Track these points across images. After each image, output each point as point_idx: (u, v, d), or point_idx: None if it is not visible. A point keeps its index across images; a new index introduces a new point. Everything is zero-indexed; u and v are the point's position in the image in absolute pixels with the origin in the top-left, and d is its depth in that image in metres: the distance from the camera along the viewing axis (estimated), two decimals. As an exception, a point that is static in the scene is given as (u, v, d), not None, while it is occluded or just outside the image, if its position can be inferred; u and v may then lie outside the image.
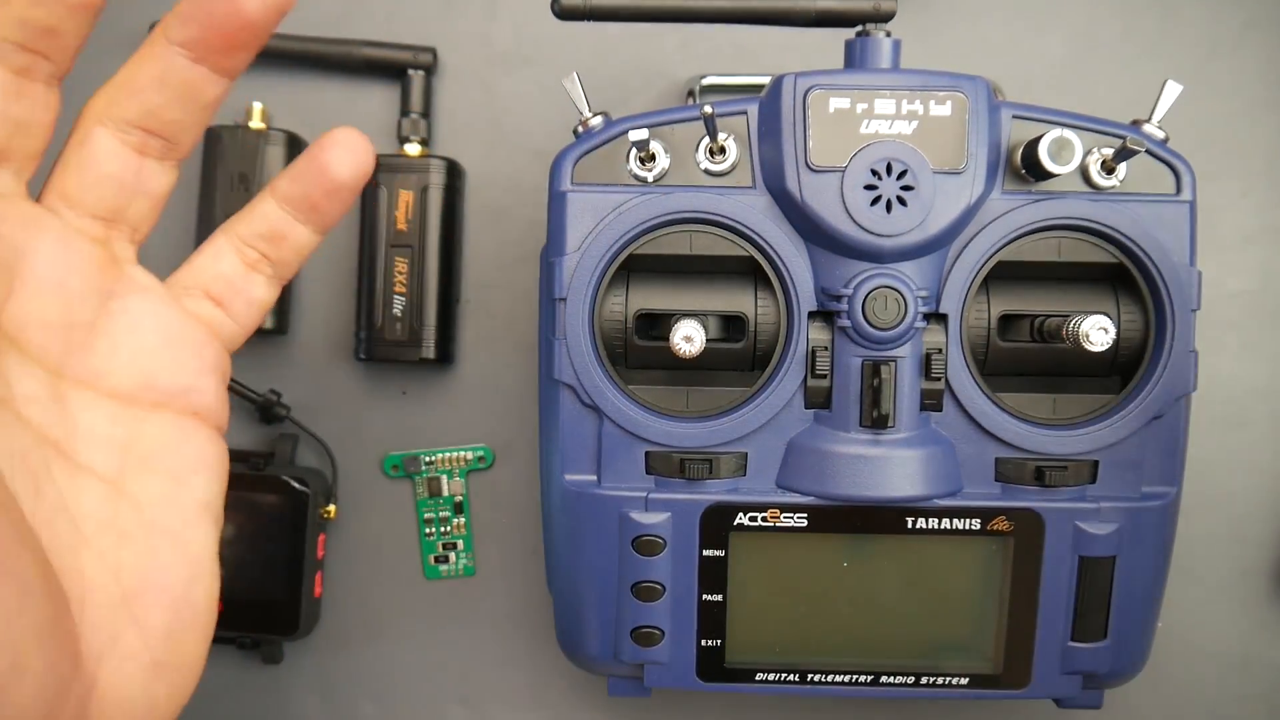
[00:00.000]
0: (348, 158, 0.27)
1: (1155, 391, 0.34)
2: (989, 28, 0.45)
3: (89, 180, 0.25)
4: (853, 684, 0.36)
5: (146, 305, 0.26)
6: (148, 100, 0.25)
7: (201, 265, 0.28)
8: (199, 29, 0.24)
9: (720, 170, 0.34)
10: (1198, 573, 0.44)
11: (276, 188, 0.28)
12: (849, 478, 0.33)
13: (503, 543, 0.45)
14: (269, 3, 0.24)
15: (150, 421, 0.26)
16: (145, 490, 0.25)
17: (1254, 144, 0.44)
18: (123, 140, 0.26)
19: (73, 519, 0.24)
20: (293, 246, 0.29)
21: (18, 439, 0.23)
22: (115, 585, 0.24)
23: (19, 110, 0.24)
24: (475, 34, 0.45)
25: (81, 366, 0.25)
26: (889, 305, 0.32)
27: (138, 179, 0.26)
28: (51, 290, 0.24)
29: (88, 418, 0.25)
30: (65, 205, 0.26)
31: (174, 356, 0.26)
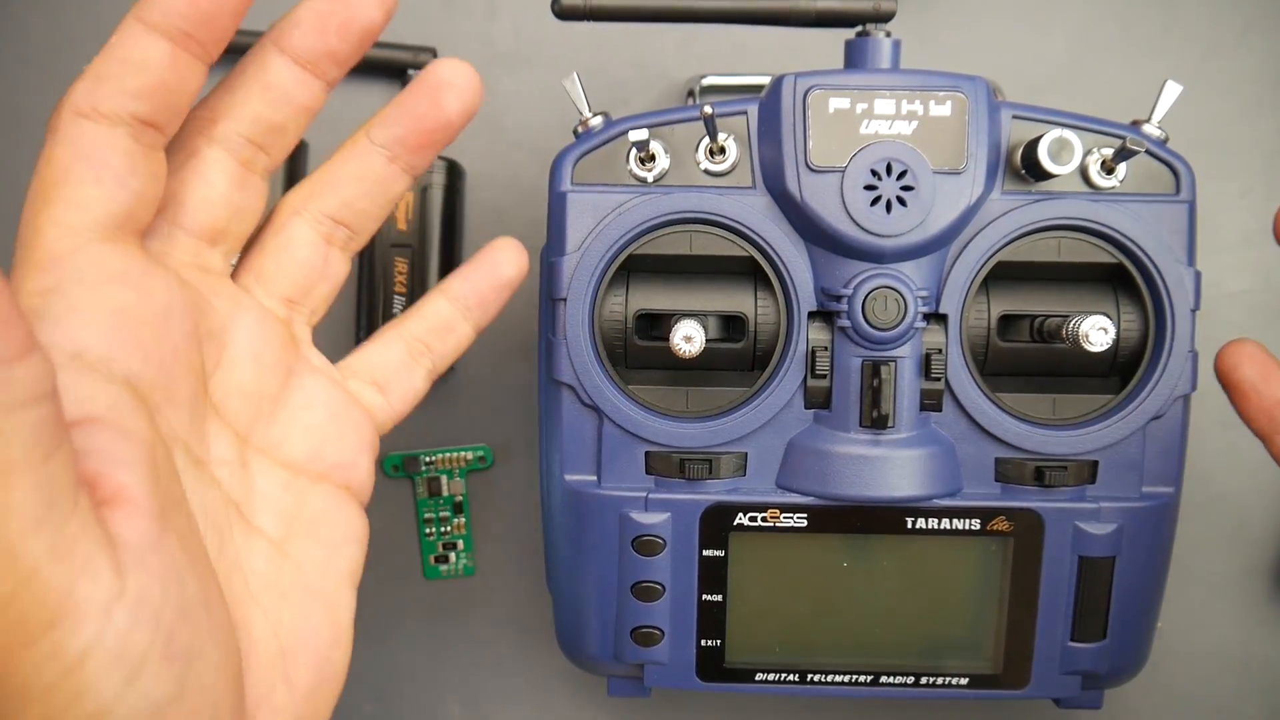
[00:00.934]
0: (517, 260, 0.33)
1: (1155, 391, 0.34)
2: (989, 28, 0.45)
3: (284, 264, 0.29)
4: (852, 684, 0.36)
5: (319, 384, 0.29)
6: (345, 194, 0.29)
7: (371, 354, 0.31)
8: (402, 131, 0.28)
9: (720, 170, 0.34)
10: (1198, 573, 0.44)
11: (449, 288, 0.32)
12: (849, 478, 0.33)
13: (503, 543, 0.45)
14: (467, 103, 0.28)
15: (313, 492, 0.28)
16: (305, 555, 0.28)
17: (1254, 144, 0.44)
18: (316, 230, 0.29)
19: (245, 577, 0.26)
20: (454, 341, 0.33)
21: (210, 498, 0.25)
22: (274, 642, 0.26)
23: (238, 198, 0.27)
24: (475, 34, 0.45)
25: (264, 435, 0.28)
26: (889, 305, 0.32)
27: (325, 265, 0.29)
28: (249, 363, 0.27)
29: (263, 483, 0.27)
30: (259, 285, 0.29)
31: (339, 434, 0.29)
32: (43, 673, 0.19)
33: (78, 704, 0.20)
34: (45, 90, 0.44)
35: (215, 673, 0.23)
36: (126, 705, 0.20)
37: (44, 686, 0.19)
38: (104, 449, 0.21)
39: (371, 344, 0.32)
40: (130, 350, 0.23)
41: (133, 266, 0.24)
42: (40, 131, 0.46)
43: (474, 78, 0.28)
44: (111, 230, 0.24)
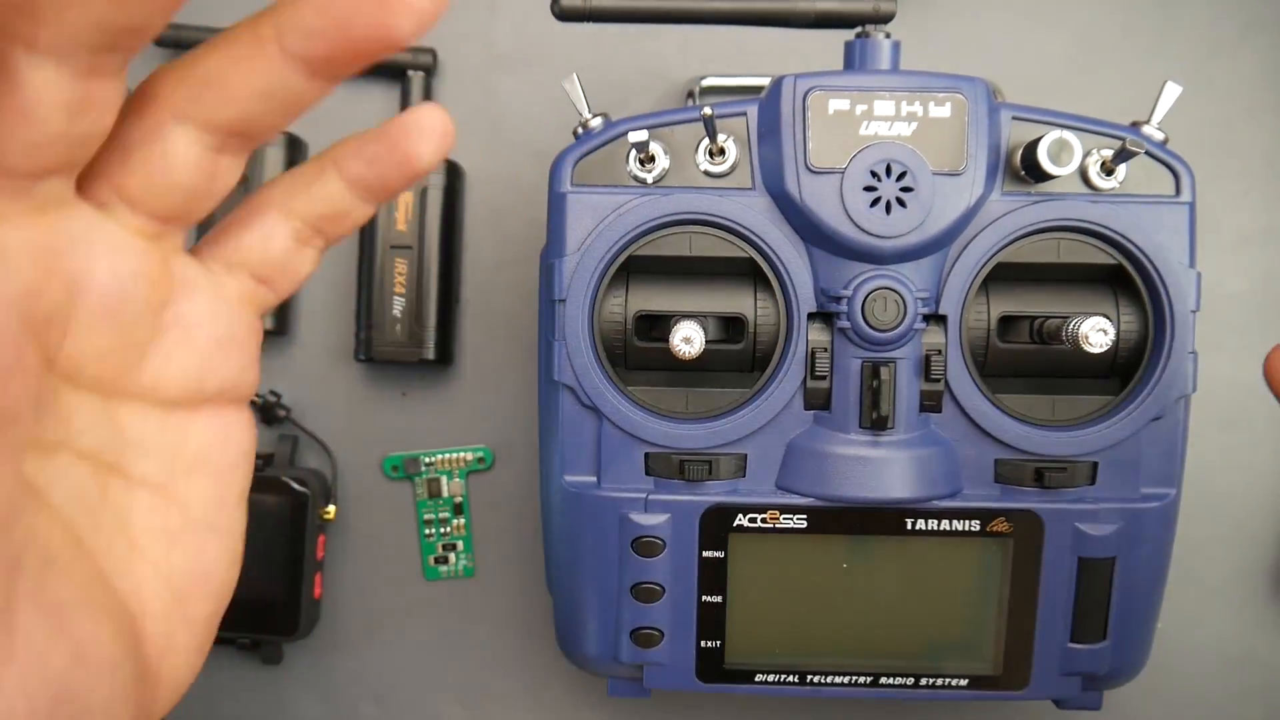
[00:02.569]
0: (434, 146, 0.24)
1: (1155, 393, 0.34)
2: (989, 28, 0.44)
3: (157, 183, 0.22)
4: (852, 685, 0.36)
5: (197, 309, 0.24)
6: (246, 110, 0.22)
7: (250, 244, 0.25)
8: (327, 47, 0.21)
9: (720, 171, 0.34)
10: (1198, 573, 0.44)
11: (347, 169, 0.24)
12: (848, 479, 0.33)
13: (502, 543, 0.45)
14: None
15: (194, 423, 0.25)
16: (192, 492, 0.25)
17: (1254, 145, 0.44)
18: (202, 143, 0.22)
19: (128, 536, 0.24)
20: (352, 222, 0.26)
21: (73, 479, 0.23)
22: (168, 590, 0.24)
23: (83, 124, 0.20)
24: (475, 34, 0.45)
25: (133, 384, 0.24)
26: (888, 306, 0.32)
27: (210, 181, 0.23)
28: (108, 319, 0.22)
29: (138, 431, 0.24)
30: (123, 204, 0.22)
31: (223, 355, 0.25)
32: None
33: None
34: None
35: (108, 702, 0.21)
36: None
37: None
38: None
39: (249, 230, 0.25)
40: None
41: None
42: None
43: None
44: None
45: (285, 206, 0.25)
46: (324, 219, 0.25)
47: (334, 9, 0.20)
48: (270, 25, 0.21)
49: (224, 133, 0.22)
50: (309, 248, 0.26)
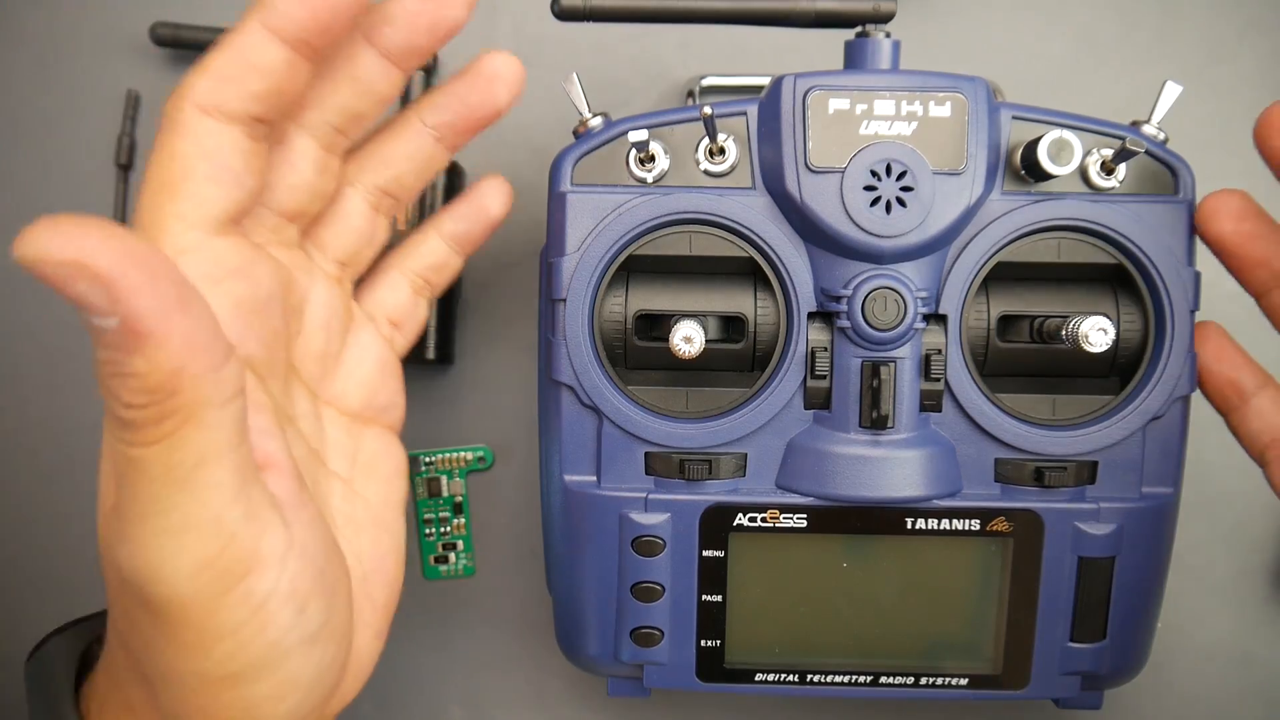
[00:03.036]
0: (502, 199, 0.36)
1: (1154, 392, 0.34)
2: (989, 28, 0.45)
3: (339, 232, 0.31)
4: (852, 684, 0.36)
5: (369, 338, 0.33)
6: (396, 170, 0.31)
7: (382, 297, 0.34)
8: (452, 116, 0.31)
9: (720, 171, 0.34)
10: (1198, 573, 0.44)
11: (442, 227, 0.35)
12: (848, 478, 0.33)
13: (502, 543, 0.45)
14: (515, 93, 0.31)
15: (367, 435, 0.32)
16: (368, 491, 0.32)
17: (1254, 145, 0.44)
18: (367, 200, 0.32)
19: (332, 515, 0.30)
20: (449, 274, 0.35)
21: (300, 450, 0.29)
22: (358, 568, 0.30)
23: (321, 182, 0.29)
24: (475, 34, 0.45)
25: (329, 390, 0.31)
26: (888, 306, 0.32)
27: (372, 232, 0.32)
28: (321, 329, 0.31)
29: (332, 432, 0.31)
30: (319, 252, 0.31)
31: (384, 380, 0.33)
32: (237, 613, 0.24)
33: (261, 635, 0.24)
34: (45, 90, 0.44)
35: (346, 601, 0.28)
36: (295, 633, 0.25)
37: (236, 624, 0.24)
38: (254, 423, 0.25)
39: (379, 285, 0.34)
40: (248, 335, 0.27)
41: (245, 258, 0.27)
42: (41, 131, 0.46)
43: (521, 71, 0.31)
44: (227, 224, 0.26)
45: (403, 266, 0.34)
46: (430, 270, 0.35)
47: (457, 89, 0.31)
48: (415, 109, 0.31)
49: (381, 192, 0.32)
50: (422, 298, 0.35)
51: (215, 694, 0.25)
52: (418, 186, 0.32)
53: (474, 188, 0.35)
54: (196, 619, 0.23)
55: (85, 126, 0.44)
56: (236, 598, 0.23)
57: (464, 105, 0.31)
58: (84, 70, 0.44)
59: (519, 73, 0.31)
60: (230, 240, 0.26)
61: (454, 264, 0.35)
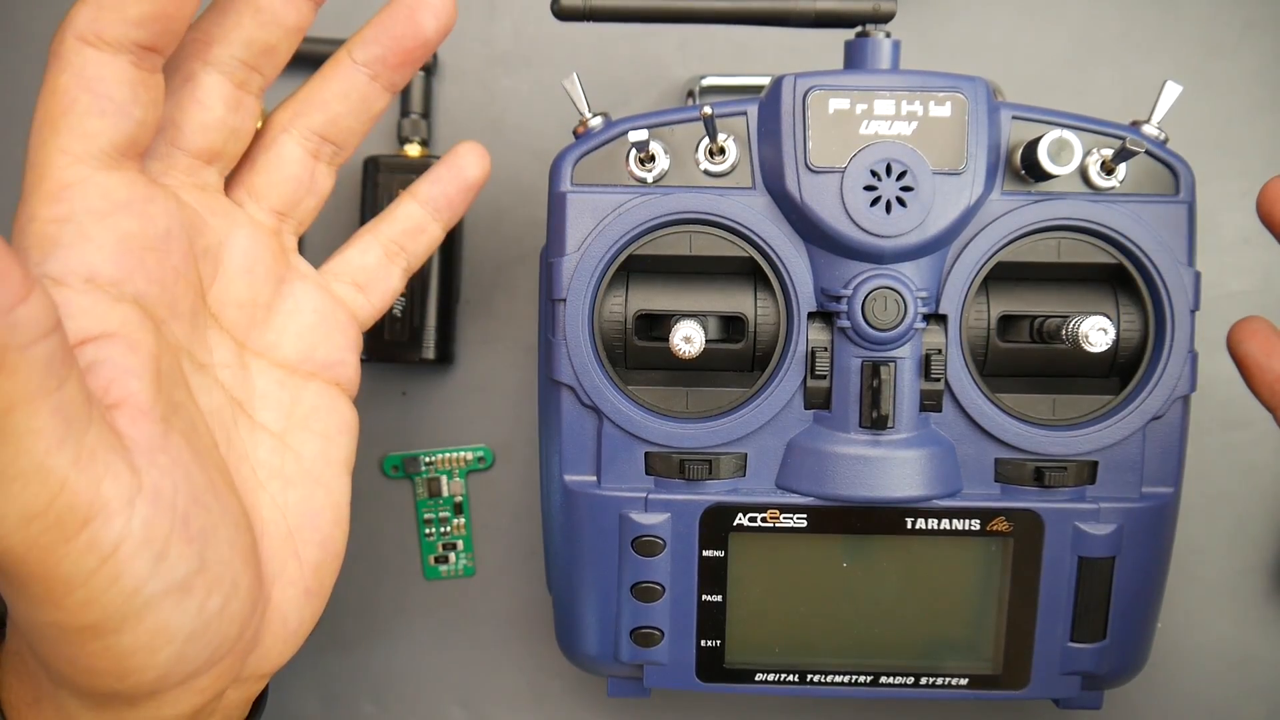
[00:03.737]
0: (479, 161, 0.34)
1: (1155, 392, 0.34)
2: (989, 28, 0.44)
3: (274, 179, 0.31)
4: (852, 684, 0.36)
5: (307, 290, 0.32)
6: (331, 112, 0.31)
7: (350, 258, 0.33)
8: (381, 49, 0.30)
9: (720, 171, 0.34)
10: (1198, 573, 0.44)
11: (418, 191, 0.34)
12: (848, 478, 0.33)
13: (502, 543, 0.45)
14: (443, 22, 0.30)
15: (307, 389, 0.31)
16: (303, 446, 0.31)
17: (1254, 144, 0.44)
18: (304, 146, 0.31)
19: (251, 466, 0.29)
20: (426, 241, 0.34)
21: (215, 398, 0.28)
22: (283, 523, 0.29)
23: (234, 119, 0.29)
24: (475, 34, 0.45)
25: (259, 340, 0.30)
26: (888, 306, 0.32)
27: (311, 180, 0.31)
28: (243, 275, 0.30)
29: (262, 382, 0.30)
30: (251, 199, 0.30)
31: (327, 335, 0.32)
32: (84, 562, 0.22)
33: (116, 585, 0.23)
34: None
35: (230, 548, 0.26)
36: (158, 580, 0.24)
37: (86, 573, 0.23)
38: (115, 360, 0.24)
39: (349, 248, 0.33)
40: (137, 272, 0.25)
41: (136, 193, 0.26)
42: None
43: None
44: (116, 158, 0.25)
45: (376, 230, 0.34)
46: (405, 235, 0.34)
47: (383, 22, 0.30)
48: (344, 48, 0.31)
49: (318, 136, 0.31)
50: (395, 264, 0.34)
51: (79, 644, 0.24)
52: (358, 129, 0.31)
53: (451, 152, 0.34)
54: (39, 570, 0.22)
55: (85, 126, 0.44)
56: (79, 547, 0.22)
57: (390, 37, 0.30)
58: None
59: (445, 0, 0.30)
60: (119, 174, 0.25)
61: (431, 231, 0.34)
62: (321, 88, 0.31)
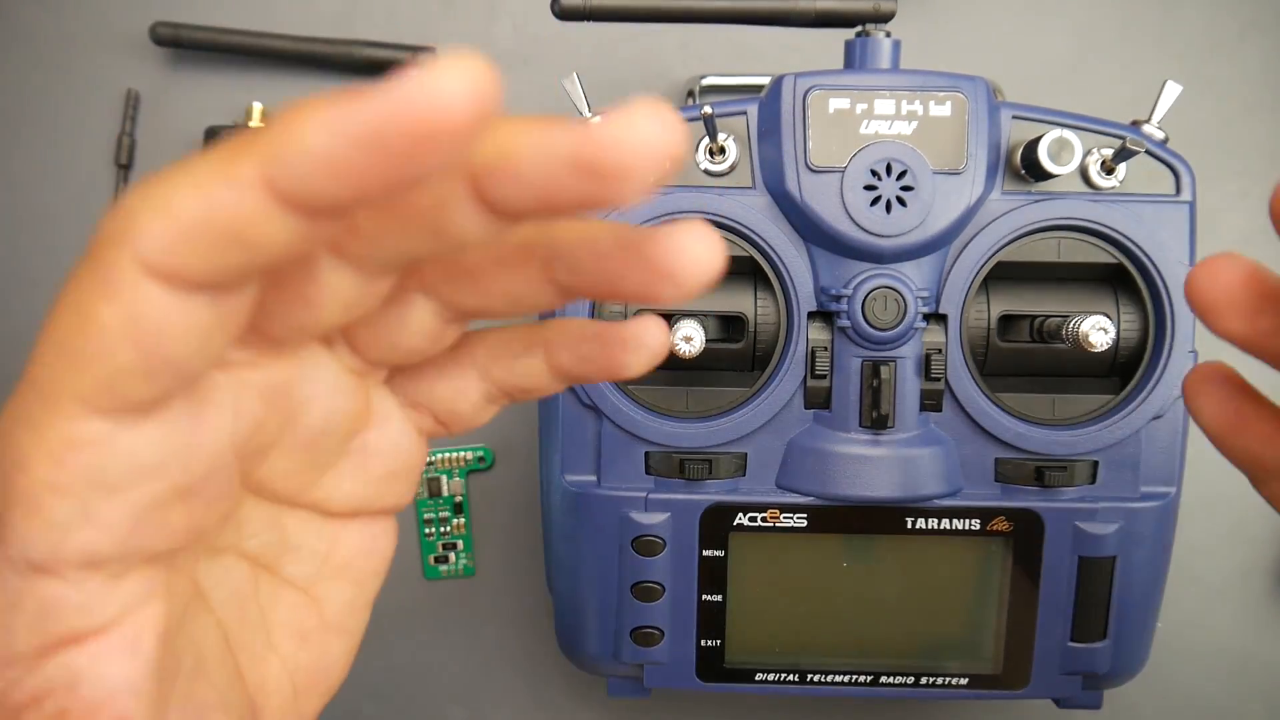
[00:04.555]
0: (646, 359, 0.23)
1: (1155, 392, 0.34)
2: (989, 28, 0.44)
3: (384, 342, 0.22)
4: (852, 684, 0.36)
5: (383, 439, 0.24)
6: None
7: (443, 394, 0.25)
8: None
9: (720, 170, 0.34)
10: (1198, 573, 0.44)
11: (556, 358, 0.24)
12: (849, 478, 0.33)
13: (502, 543, 0.45)
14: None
15: (348, 529, 0.25)
16: (332, 594, 0.25)
17: (1254, 144, 0.44)
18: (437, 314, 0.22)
19: (266, 633, 0.24)
20: (540, 395, 0.26)
21: (237, 577, 0.23)
22: (289, 687, 0.25)
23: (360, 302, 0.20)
24: (475, 34, 0.45)
25: (307, 499, 0.24)
26: (889, 305, 0.32)
27: (430, 347, 0.23)
28: (312, 438, 0.23)
29: (298, 537, 0.24)
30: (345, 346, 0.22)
31: (393, 482, 0.25)
32: None
33: None
34: (45, 90, 0.44)
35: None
36: None
37: None
38: (104, 675, 0.19)
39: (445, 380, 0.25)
40: (154, 538, 0.19)
41: (172, 447, 0.18)
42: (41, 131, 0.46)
43: (665, 342, 0.23)
44: (154, 404, 0.18)
45: (485, 370, 0.25)
46: (518, 390, 0.25)
47: (609, 262, 0.20)
48: (544, 248, 0.21)
49: (463, 315, 0.22)
50: (493, 406, 0.25)
51: None
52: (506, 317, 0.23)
53: (618, 330, 0.23)
54: None
55: (85, 126, 0.44)
56: None
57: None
58: (84, 70, 0.44)
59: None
60: (153, 427, 0.18)
61: (552, 390, 0.25)
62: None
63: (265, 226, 0.16)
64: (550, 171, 0.16)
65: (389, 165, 0.14)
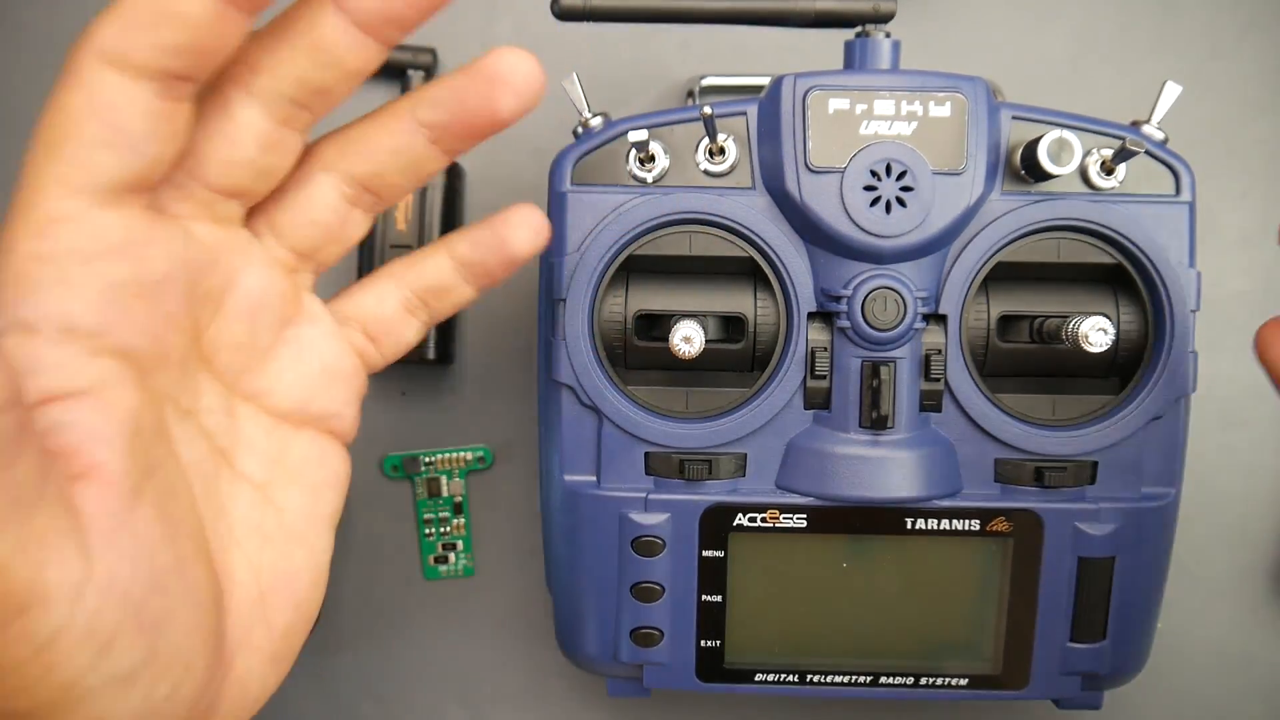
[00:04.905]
0: (529, 236, 0.30)
1: (1155, 392, 0.34)
2: (989, 28, 0.44)
3: (302, 220, 0.27)
4: (852, 684, 0.36)
5: (315, 336, 0.29)
6: (379, 165, 0.27)
7: (364, 303, 0.30)
8: (448, 117, 0.26)
9: (720, 171, 0.34)
10: (1198, 573, 0.44)
11: (454, 249, 0.30)
12: (848, 478, 0.33)
13: (502, 543, 0.45)
14: (524, 104, 0.26)
15: (297, 439, 0.28)
16: (287, 500, 0.28)
17: (1254, 144, 0.44)
18: (341, 192, 0.27)
19: (229, 523, 0.27)
20: (453, 301, 0.31)
21: (198, 449, 0.26)
22: (255, 585, 0.27)
23: (268, 160, 0.25)
24: (475, 34, 0.45)
25: (251, 384, 0.28)
26: (888, 306, 0.32)
27: (343, 226, 0.28)
28: (246, 317, 0.27)
29: (249, 429, 0.27)
30: (271, 234, 0.27)
31: (329, 385, 0.29)
32: (14, 651, 0.20)
33: (49, 677, 0.21)
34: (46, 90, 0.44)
35: (187, 633, 0.24)
36: (98, 674, 0.22)
37: (16, 662, 0.20)
38: (84, 424, 0.22)
39: (364, 291, 0.30)
40: (122, 323, 0.23)
41: (135, 234, 0.23)
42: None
43: (534, 74, 0.26)
44: (118, 194, 0.22)
45: (400, 278, 0.30)
46: (429, 292, 0.30)
47: (457, 88, 0.26)
48: (409, 100, 0.27)
49: (359, 185, 0.27)
50: (414, 318, 0.30)
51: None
52: (404, 187, 0.28)
53: (501, 215, 0.30)
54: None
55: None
56: (11, 636, 0.20)
57: (462, 108, 0.26)
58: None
59: (530, 77, 0.26)
60: (119, 213, 0.22)
61: (462, 292, 0.30)
62: (374, 135, 0.27)
63: (190, 4, 0.21)
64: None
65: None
